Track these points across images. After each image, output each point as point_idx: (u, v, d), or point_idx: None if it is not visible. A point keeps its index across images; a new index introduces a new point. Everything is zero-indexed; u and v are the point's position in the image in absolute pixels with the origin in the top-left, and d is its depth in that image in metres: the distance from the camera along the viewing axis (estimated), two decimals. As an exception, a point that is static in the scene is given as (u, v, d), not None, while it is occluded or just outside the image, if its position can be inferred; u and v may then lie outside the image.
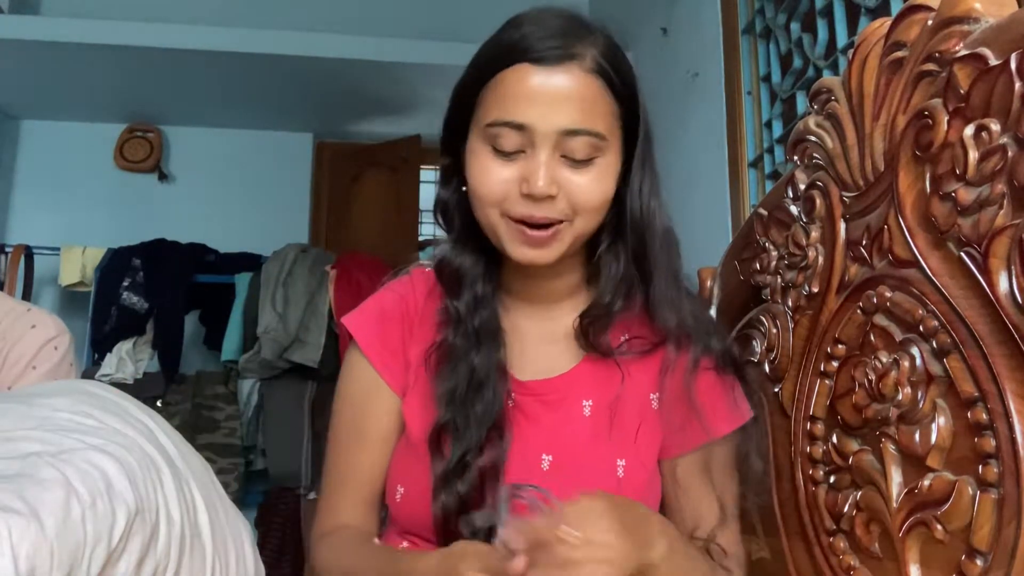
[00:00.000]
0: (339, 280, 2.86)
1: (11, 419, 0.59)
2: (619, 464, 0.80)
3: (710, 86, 2.15)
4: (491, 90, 0.76)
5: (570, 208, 0.76)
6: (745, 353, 0.97)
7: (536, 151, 0.74)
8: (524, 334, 0.86)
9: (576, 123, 0.74)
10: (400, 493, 0.83)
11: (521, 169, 0.75)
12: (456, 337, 0.83)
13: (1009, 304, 0.59)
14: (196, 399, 2.85)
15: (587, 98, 0.75)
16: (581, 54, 0.75)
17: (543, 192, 0.73)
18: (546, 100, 0.73)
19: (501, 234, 0.77)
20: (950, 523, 0.64)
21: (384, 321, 0.88)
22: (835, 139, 0.81)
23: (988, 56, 0.61)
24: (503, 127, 0.74)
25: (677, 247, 0.84)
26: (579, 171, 0.75)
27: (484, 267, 0.85)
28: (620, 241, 0.82)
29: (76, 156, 3.41)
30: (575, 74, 0.74)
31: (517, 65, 0.74)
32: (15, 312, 1.16)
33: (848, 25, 1.62)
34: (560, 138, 0.74)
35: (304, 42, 2.86)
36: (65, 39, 2.75)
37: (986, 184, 0.61)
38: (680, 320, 0.81)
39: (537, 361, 0.85)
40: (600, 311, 0.82)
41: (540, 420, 0.82)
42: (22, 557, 0.46)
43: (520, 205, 0.75)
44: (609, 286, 0.82)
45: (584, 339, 0.83)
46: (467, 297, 0.83)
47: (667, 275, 0.81)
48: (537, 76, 0.74)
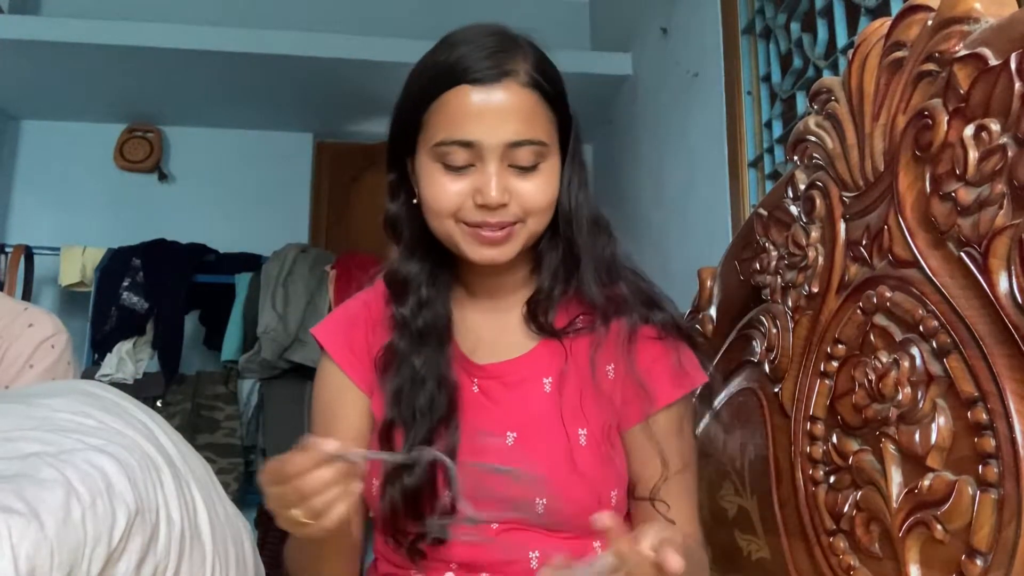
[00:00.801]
0: (339, 280, 2.86)
1: (11, 419, 0.59)
2: (580, 433, 0.85)
3: (710, 86, 2.15)
4: (435, 112, 0.82)
5: (521, 211, 0.82)
6: (745, 353, 0.98)
7: (485, 164, 0.80)
8: (480, 328, 0.92)
9: (520, 135, 0.80)
10: (375, 486, 0.86)
11: (473, 182, 0.81)
12: (401, 340, 0.89)
13: (1009, 304, 0.59)
14: (196, 399, 2.85)
15: (526, 111, 0.81)
16: (515, 70, 0.81)
17: (496, 201, 0.80)
18: (490, 117, 0.80)
19: (458, 240, 0.83)
20: (950, 523, 0.64)
21: (350, 326, 0.94)
22: (835, 139, 0.81)
23: (988, 56, 0.61)
24: (452, 146, 0.80)
25: (608, 232, 0.89)
26: (526, 177, 0.82)
27: (429, 273, 0.90)
28: (557, 234, 0.88)
29: (76, 156, 3.40)
30: (513, 89, 0.81)
31: (458, 87, 0.80)
32: (12, 311, 1.16)
33: (848, 25, 1.62)
34: (506, 150, 0.80)
35: (304, 42, 2.86)
36: (65, 39, 2.74)
37: (986, 184, 0.61)
38: (610, 296, 0.87)
39: (493, 348, 0.91)
40: (543, 296, 0.90)
41: (502, 400, 0.88)
42: (22, 557, 0.46)
43: (475, 214, 0.81)
44: (548, 273, 0.89)
45: (533, 323, 0.90)
46: (411, 302, 0.89)
47: (594, 258, 0.87)
48: (478, 95, 0.80)
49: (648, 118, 2.69)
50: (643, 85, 2.76)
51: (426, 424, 0.84)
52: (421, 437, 0.84)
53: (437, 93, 0.82)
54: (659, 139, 2.56)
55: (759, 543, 0.92)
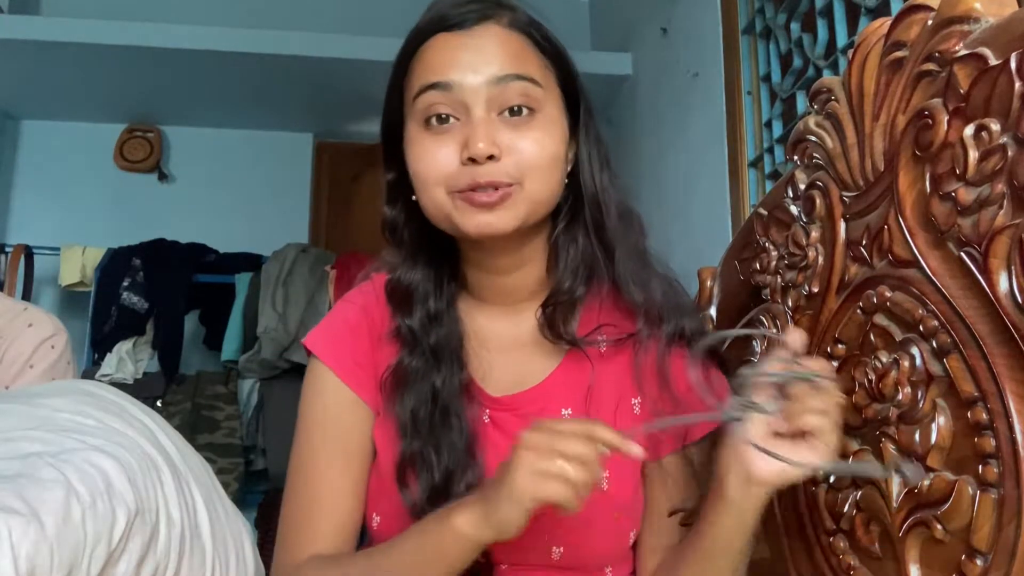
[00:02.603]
0: (339, 280, 2.86)
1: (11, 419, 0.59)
2: (603, 476, 0.75)
3: (710, 86, 2.15)
4: (415, 68, 0.74)
5: (516, 169, 0.72)
6: (745, 353, 0.97)
7: (469, 113, 0.71)
8: (490, 342, 0.82)
9: (505, 68, 0.71)
10: (377, 521, 0.80)
11: (458, 138, 0.71)
12: (413, 358, 0.78)
13: (1009, 304, 0.59)
14: (196, 399, 2.85)
15: (513, 48, 0.73)
16: (498, 15, 0.74)
17: (484, 152, 0.69)
18: (468, 56, 0.71)
19: (451, 212, 0.73)
20: (950, 523, 0.64)
21: (351, 337, 0.83)
22: (835, 139, 0.81)
23: (988, 56, 0.61)
24: (428, 91, 0.72)
25: (639, 222, 0.80)
26: (520, 131, 0.72)
27: (435, 281, 0.81)
28: (575, 222, 0.78)
29: (76, 156, 3.41)
30: (495, 30, 0.73)
31: (434, 36, 0.73)
32: (12, 311, 1.16)
33: (848, 25, 1.62)
34: (491, 91, 0.71)
35: (304, 42, 2.86)
36: (65, 39, 2.74)
37: (986, 184, 0.61)
38: (648, 296, 0.77)
39: (508, 373, 0.80)
40: (562, 296, 0.78)
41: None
42: (22, 557, 0.46)
43: (464, 176, 0.71)
44: (568, 269, 0.78)
45: (549, 330, 0.78)
46: (420, 314, 0.79)
47: (630, 250, 0.78)
48: (456, 39, 0.72)
49: (648, 118, 2.69)
50: (643, 85, 2.76)
51: (454, 457, 0.73)
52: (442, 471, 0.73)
53: (415, 49, 0.74)
54: (659, 139, 2.56)
55: (759, 543, 0.92)
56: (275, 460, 2.81)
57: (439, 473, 0.73)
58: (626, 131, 2.90)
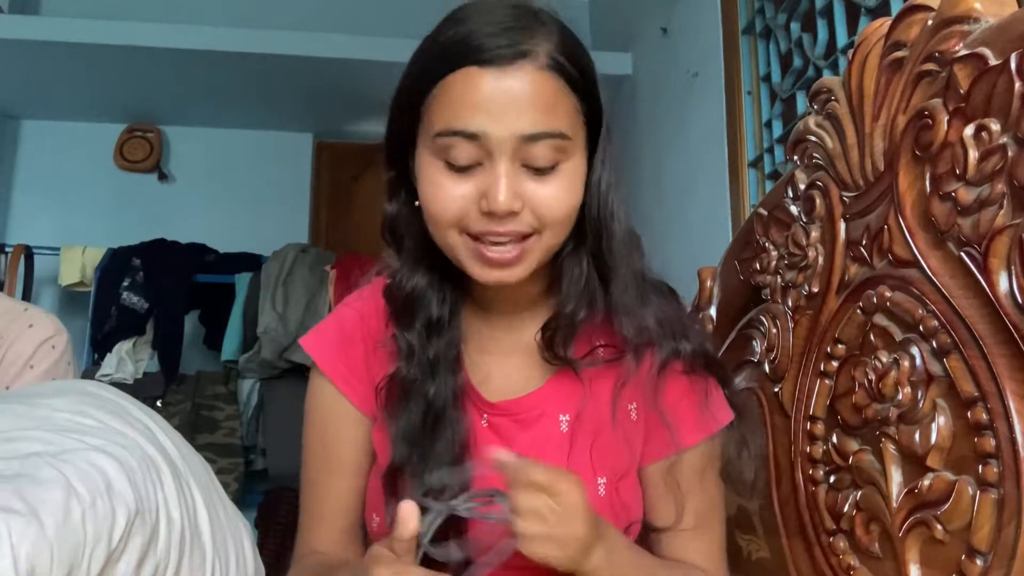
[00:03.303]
0: (339, 280, 2.86)
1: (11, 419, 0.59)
2: (600, 482, 0.76)
3: (710, 86, 2.15)
4: (437, 97, 0.68)
5: (536, 221, 0.69)
6: (745, 353, 0.97)
7: (494, 162, 0.67)
8: (489, 347, 0.81)
9: (536, 126, 0.66)
10: (376, 522, 0.81)
11: (478, 184, 0.67)
12: (408, 370, 0.76)
13: (1009, 304, 0.59)
14: (196, 399, 2.85)
15: (546, 98, 0.67)
16: (534, 51, 0.67)
17: (505, 209, 0.66)
18: (500, 105, 0.66)
19: (461, 256, 0.71)
20: (950, 523, 0.64)
21: (346, 342, 0.82)
22: (835, 139, 0.81)
23: (988, 56, 0.61)
24: (453, 137, 0.67)
25: (639, 247, 0.78)
26: (544, 180, 0.68)
27: (439, 286, 0.78)
28: (583, 245, 0.76)
29: (76, 156, 3.41)
30: (529, 73, 0.66)
31: (464, 69, 0.66)
32: (12, 312, 1.16)
33: (848, 25, 1.62)
34: (519, 145, 0.66)
35: (304, 42, 2.86)
36: (65, 39, 2.74)
37: (986, 184, 0.61)
38: (639, 327, 0.75)
39: (506, 378, 0.80)
40: (563, 321, 0.76)
41: (515, 440, 0.78)
42: (22, 557, 0.46)
43: (480, 223, 0.68)
44: (572, 294, 0.76)
45: (549, 352, 0.77)
46: (419, 326, 0.77)
47: (626, 279, 0.75)
48: (487, 79, 0.66)
49: (648, 118, 2.69)
50: (643, 85, 2.76)
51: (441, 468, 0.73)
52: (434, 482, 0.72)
53: (439, 76, 0.68)
54: (659, 139, 2.56)
55: (759, 543, 0.92)
56: (275, 460, 2.81)
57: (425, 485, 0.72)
58: (626, 131, 2.90)
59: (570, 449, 0.77)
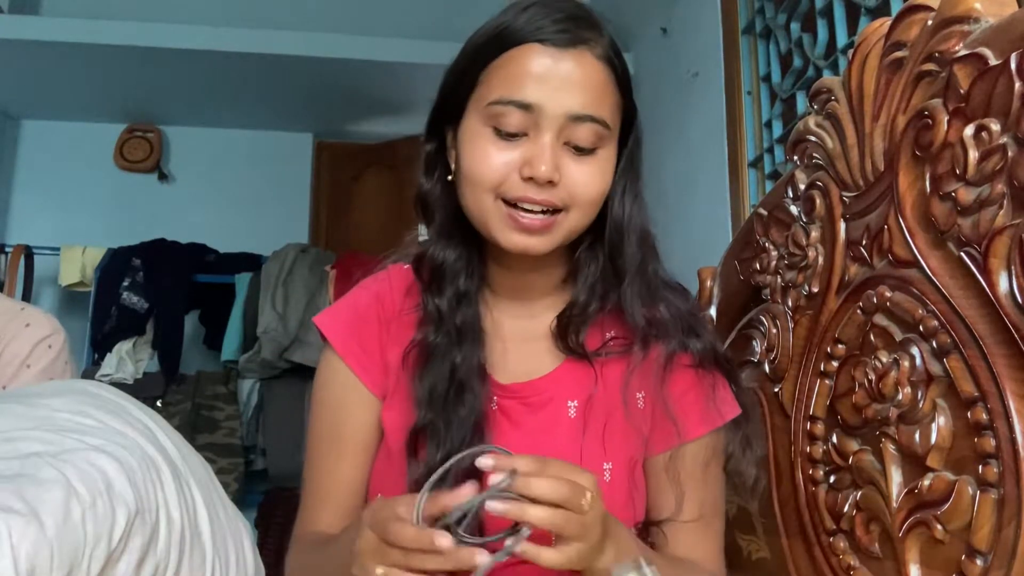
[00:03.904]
0: (339, 280, 2.86)
1: (11, 419, 0.59)
2: (606, 468, 0.78)
3: (710, 86, 2.15)
4: (496, 68, 0.73)
5: (568, 196, 0.73)
6: (745, 353, 0.97)
7: (540, 134, 0.72)
8: (504, 332, 0.83)
9: (585, 108, 0.72)
10: None
11: (523, 152, 0.72)
12: (437, 335, 0.79)
13: (1009, 304, 0.59)
14: (196, 399, 2.85)
15: (596, 85, 0.73)
16: (592, 40, 0.74)
17: (546, 176, 0.71)
18: (556, 82, 0.71)
19: (492, 221, 0.74)
20: (950, 523, 0.64)
21: (359, 321, 0.85)
22: (835, 139, 0.81)
23: (988, 56, 0.61)
24: (508, 106, 0.72)
25: (654, 248, 0.82)
26: (582, 161, 0.73)
27: (467, 261, 0.81)
28: (599, 242, 0.81)
29: (76, 156, 3.41)
30: (586, 59, 0.73)
31: (526, 44, 0.72)
32: (10, 311, 1.16)
33: (848, 25, 1.62)
34: (566, 123, 0.72)
35: (304, 42, 2.86)
36: (65, 39, 2.74)
37: (986, 184, 0.61)
38: (650, 319, 0.79)
39: (518, 363, 0.83)
40: (577, 311, 0.81)
41: (523, 423, 0.80)
42: (22, 557, 0.46)
43: (518, 188, 0.72)
44: (586, 287, 0.81)
45: (562, 341, 0.81)
46: (449, 293, 0.80)
47: (639, 275, 0.79)
48: (547, 57, 0.72)
49: (648, 118, 2.67)
50: (643, 85, 2.75)
51: (461, 435, 0.75)
52: (454, 448, 0.73)
53: (500, 50, 0.73)
54: (659, 139, 2.56)
55: (759, 543, 0.92)
56: (275, 460, 2.81)
57: (448, 449, 0.74)
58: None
59: (577, 434, 0.79)
